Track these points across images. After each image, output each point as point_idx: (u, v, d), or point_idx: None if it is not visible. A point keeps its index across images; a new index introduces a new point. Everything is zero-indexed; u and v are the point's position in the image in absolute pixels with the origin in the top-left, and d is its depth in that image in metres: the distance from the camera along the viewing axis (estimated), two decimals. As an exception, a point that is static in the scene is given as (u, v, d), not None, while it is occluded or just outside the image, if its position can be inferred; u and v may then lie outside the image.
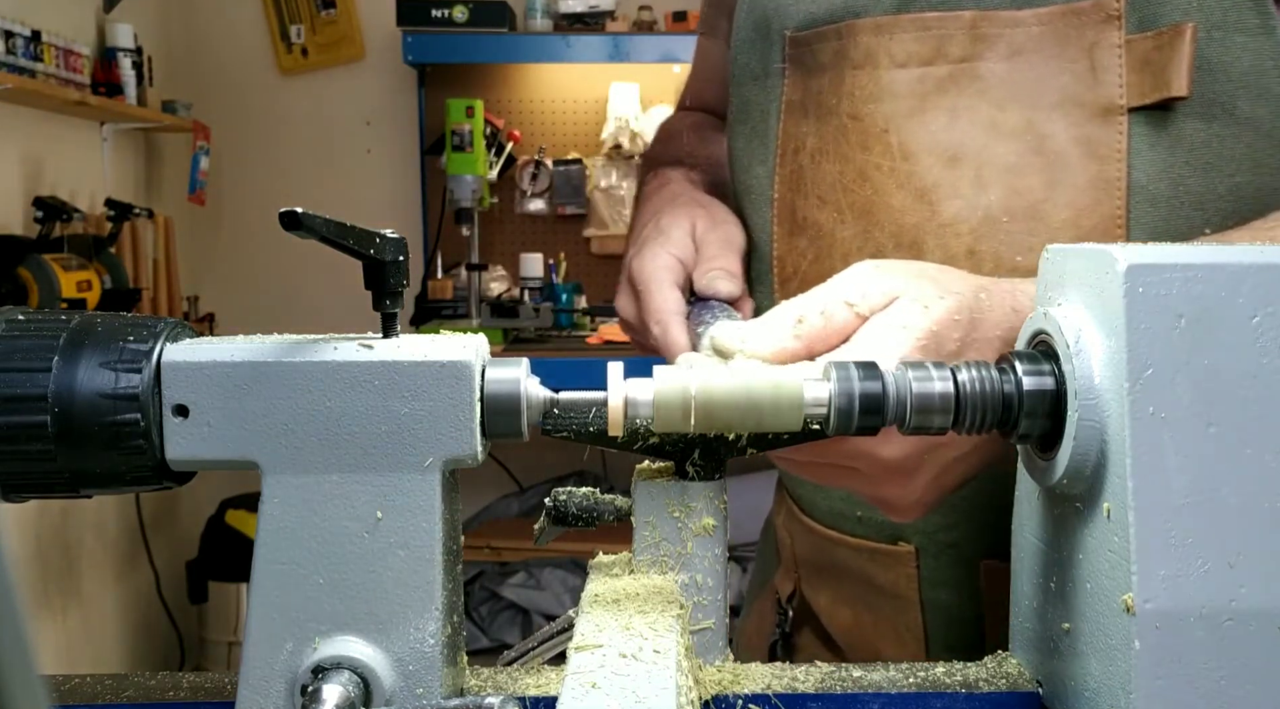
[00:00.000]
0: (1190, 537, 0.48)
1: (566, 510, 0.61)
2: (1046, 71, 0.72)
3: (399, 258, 0.51)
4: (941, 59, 0.75)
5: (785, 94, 0.84)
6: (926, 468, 0.63)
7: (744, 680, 0.58)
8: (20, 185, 2.68)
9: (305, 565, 0.51)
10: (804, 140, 0.83)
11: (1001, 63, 0.73)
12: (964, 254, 0.74)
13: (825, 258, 0.80)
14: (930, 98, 0.76)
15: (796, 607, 0.96)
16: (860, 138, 0.78)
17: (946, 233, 0.75)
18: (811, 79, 0.82)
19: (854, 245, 0.79)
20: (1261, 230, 0.68)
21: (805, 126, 0.83)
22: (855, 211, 0.79)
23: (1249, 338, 0.48)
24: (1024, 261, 0.73)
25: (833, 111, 0.80)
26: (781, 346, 0.59)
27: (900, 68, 0.76)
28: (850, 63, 0.79)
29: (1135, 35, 0.70)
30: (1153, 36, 0.70)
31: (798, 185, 0.83)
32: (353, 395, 0.50)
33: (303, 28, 3.65)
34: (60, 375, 0.50)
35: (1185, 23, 0.68)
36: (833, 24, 0.80)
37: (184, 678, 0.62)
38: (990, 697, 0.58)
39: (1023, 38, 0.73)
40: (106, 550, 3.07)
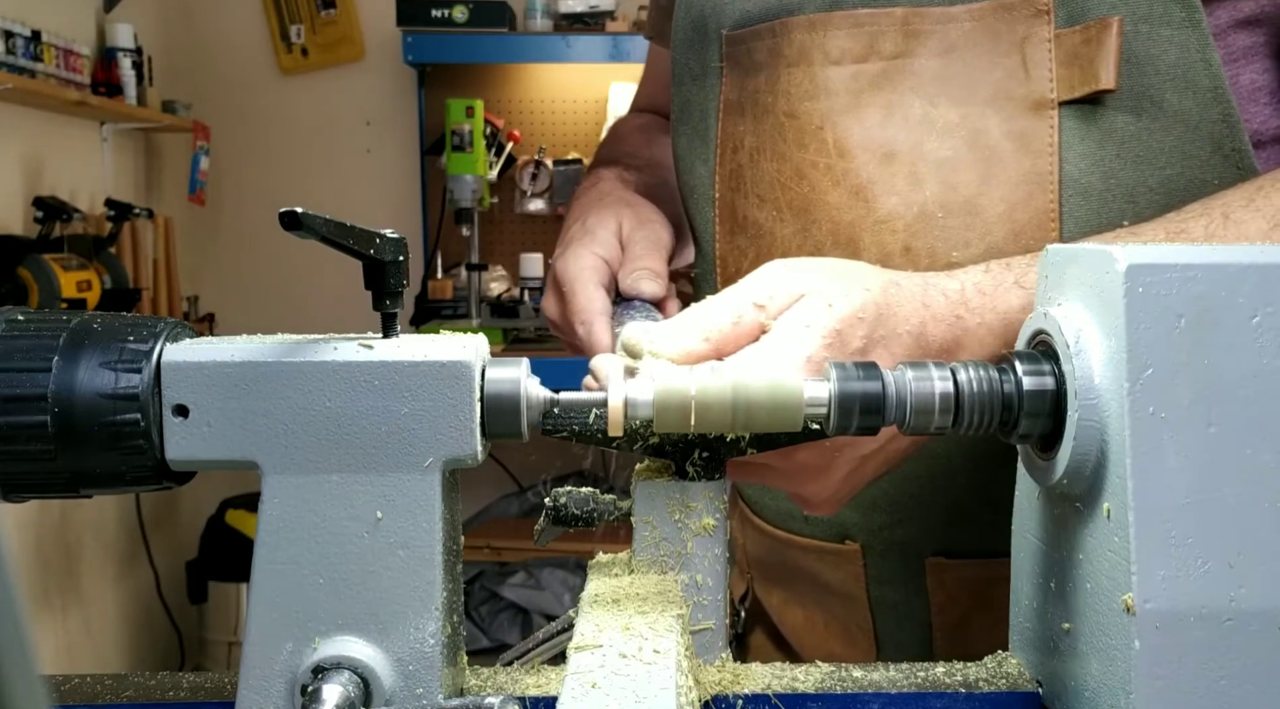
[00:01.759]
0: (1190, 537, 0.48)
1: (566, 510, 0.61)
2: (979, 66, 0.72)
3: (399, 258, 0.51)
4: (875, 56, 0.75)
5: (723, 93, 0.84)
6: (839, 465, 0.64)
7: (744, 680, 0.58)
8: (20, 185, 2.68)
9: (305, 565, 0.51)
10: (742, 139, 0.83)
11: (934, 59, 0.74)
12: (900, 250, 0.74)
13: (765, 256, 0.79)
14: (864, 94, 0.76)
15: (749, 607, 0.97)
16: (796, 135, 0.78)
17: (883, 229, 0.75)
18: (748, 78, 0.82)
19: (793, 243, 0.79)
20: (1174, 221, 0.67)
21: (743, 125, 0.83)
22: (793, 209, 0.79)
23: (1249, 338, 0.48)
24: (960, 256, 0.73)
25: (769, 110, 0.80)
26: (688, 349, 0.59)
27: (834, 65, 0.76)
28: (785, 60, 0.79)
29: (1064, 29, 0.70)
30: (1080, 30, 0.70)
31: (737, 184, 0.83)
32: (353, 395, 0.50)
33: (303, 28, 3.64)
34: (60, 375, 0.50)
35: (1112, 16, 0.69)
36: (767, 22, 0.80)
37: (184, 678, 0.62)
38: (990, 697, 0.58)
39: (955, 33, 0.73)
40: (106, 550, 3.07)
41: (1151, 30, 0.69)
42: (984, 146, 0.73)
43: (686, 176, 0.90)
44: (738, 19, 0.83)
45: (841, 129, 0.76)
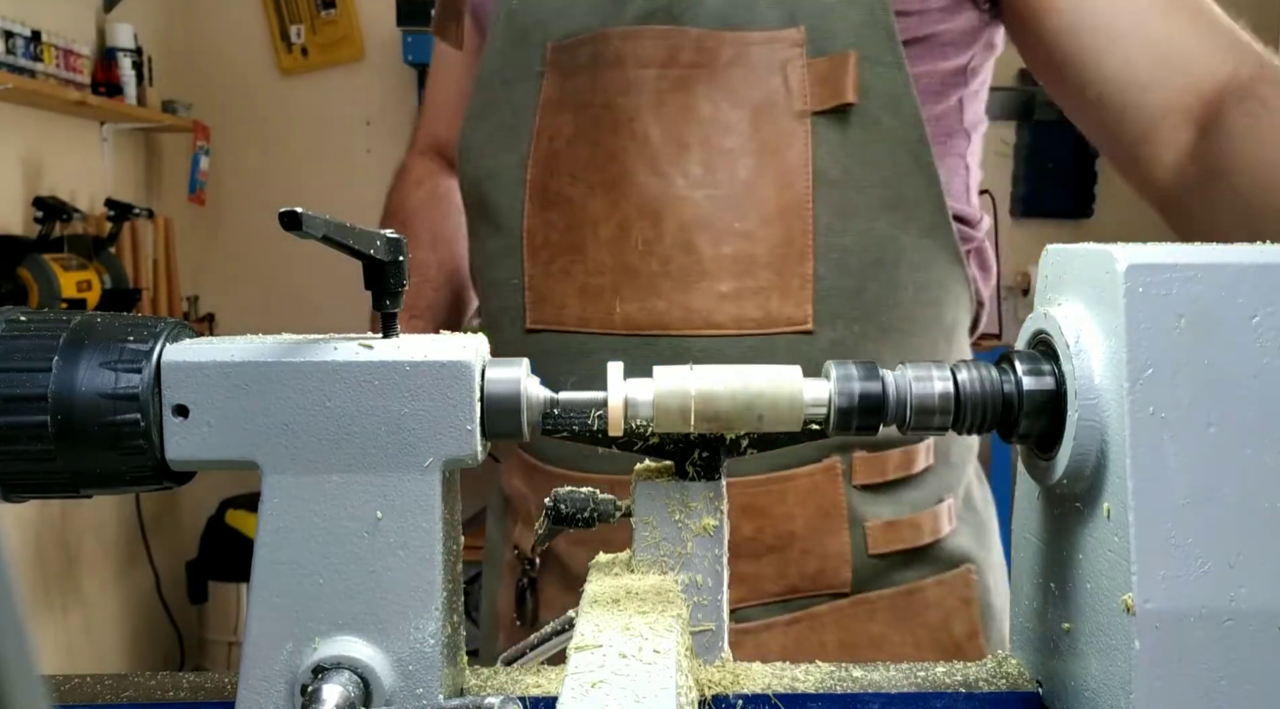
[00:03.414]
0: (1190, 537, 0.48)
1: (566, 510, 0.61)
2: (754, 80, 0.90)
3: (399, 258, 0.51)
4: (676, 64, 0.91)
5: (544, 93, 0.97)
6: None
7: (744, 680, 0.58)
8: (20, 185, 2.68)
9: (305, 565, 0.51)
10: (560, 129, 0.96)
11: (721, 71, 0.91)
12: (695, 219, 0.90)
13: (576, 227, 0.94)
14: (667, 94, 0.92)
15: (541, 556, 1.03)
16: (611, 125, 0.93)
17: (682, 203, 0.91)
18: (570, 79, 0.96)
19: (603, 214, 0.93)
20: None
21: (561, 118, 0.96)
22: (605, 186, 0.93)
23: (1249, 338, 0.48)
24: (740, 226, 0.90)
25: (588, 104, 0.94)
26: None
27: (643, 68, 0.92)
28: (604, 63, 0.93)
29: (815, 58, 0.90)
30: (827, 59, 0.90)
31: (551, 167, 0.96)
32: (353, 395, 0.50)
33: (303, 28, 3.65)
34: (60, 375, 0.50)
35: (848, 51, 0.89)
36: (588, 34, 0.95)
37: (184, 678, 0.62)
38: (990, 697, 0.58)
39: (736, 53, 0.90)
40: (106, 550, 3.07)
41: (872, 67, 0.90)
42: (757, 142, 0.90)
43: (487, 162, 1.01)
44: (563, 33, 0.97)
45: (648, 120, 0.92)
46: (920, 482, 0.98)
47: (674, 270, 0.91)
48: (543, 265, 0.95)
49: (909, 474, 0.97)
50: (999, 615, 1.02)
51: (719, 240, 0.90)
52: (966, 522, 1.02)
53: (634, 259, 0.91)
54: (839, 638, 0.94)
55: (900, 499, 0.97)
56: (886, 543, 0.95)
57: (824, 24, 0.90)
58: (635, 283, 0.92)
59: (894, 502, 0.96)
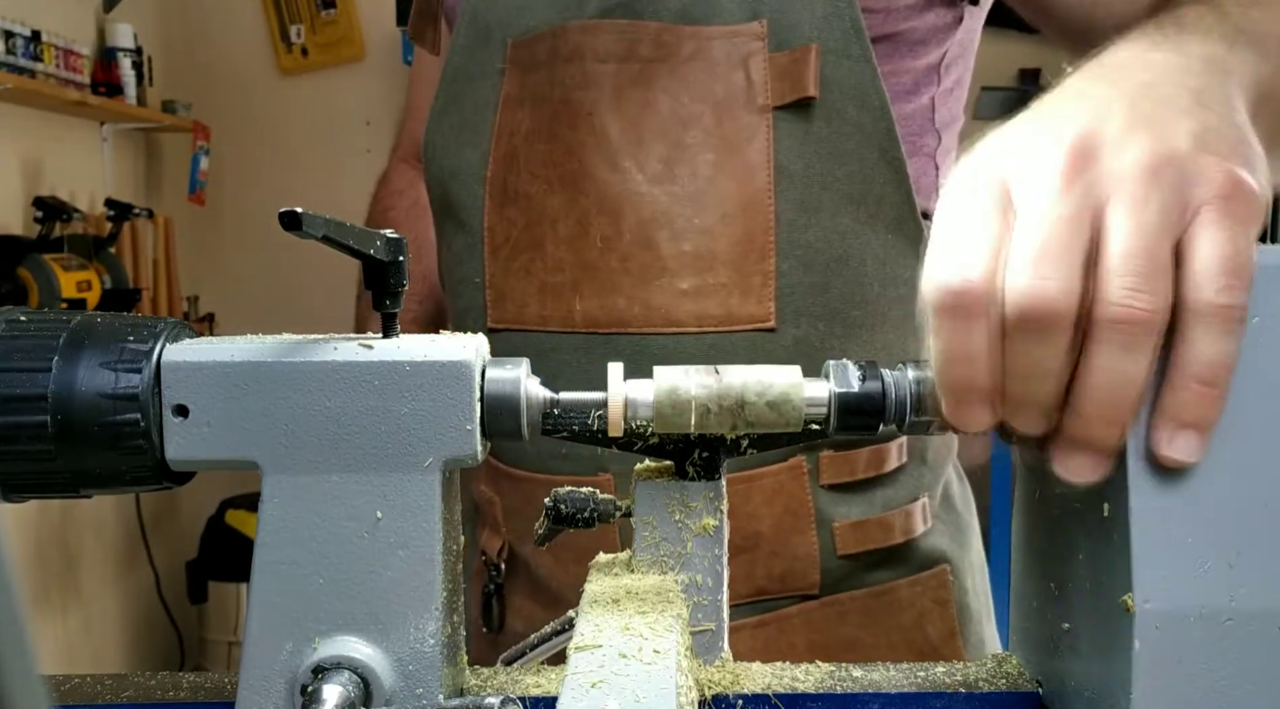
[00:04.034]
0: (1190, 537, 0.48)
1: (566, 510, 0.61)
2: (715, 74, 0.88)
3: (399, 258, 0.51)
4: (635, 58, 0.90)
5: (505, 89, 0.96)
6: None
7: (744, 680, 0.58)
8: (20, 185, 2.68)
9: (305, 565, 0.51)
10: (519, 125, 0.94)
11: (681, 65, 0.89)
12: (655, 215, 0.89)
13: (535, 224, 0.92)
14: (626, 89, 0.90)
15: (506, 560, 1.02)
16: (570, 119, 0.91)
17: (640, 199, 0.89)
18: (529, 75, 0.94)
19: (562, 211, 0.91)
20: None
21: (521, 114, 0.94)
22: (563, 182, 0.91)
23: (1249, 338, 0.48)
24: (700, 222, 0.89)
25: (546, 98, 0.93)
26: None
27: (602, 62, 0.90)
28: (562, 57, 0.92)
29: (776, 53, 0.88)
30: (789, 53, 0.87)
31: (511, 164, 0.94)
32: (353, 395, 0.50)
33: (303, 28, 3.65)
34: (60, 375, 0.50)
35: (810, 44, 0.87)
36: (546, 29, 0.93)
37: (184, 678, 0.62)
38: (990, 697, 0.58)
39: (696, 48, 0.88)
40: (106, 550, 3.07)
41: (838, 60, 0.88)
42: (718, 137, 0.88)
43: (450, 159, 0.99)
44: (522, 31, 0.95)
45: (607, 115, 0.90)
46: (893, 480, 0.96)
47: (633, 267, 0.90)
48: (503, 263, 0.94)
49: (880, 473, 0.95)
50: (976, 617, 1.00)
51: (679, 237, 0.89)
52: (944, 521, 1.00)
53: (593, 256, 0.90)
54: (809, 639, 0.92)
55: (871, 499, 0.95)
56: (856, 543, 0.93)
57: (786, 17, 0.88)
58: (595, 280, 0.90)
59: (864, 501, 0.94)
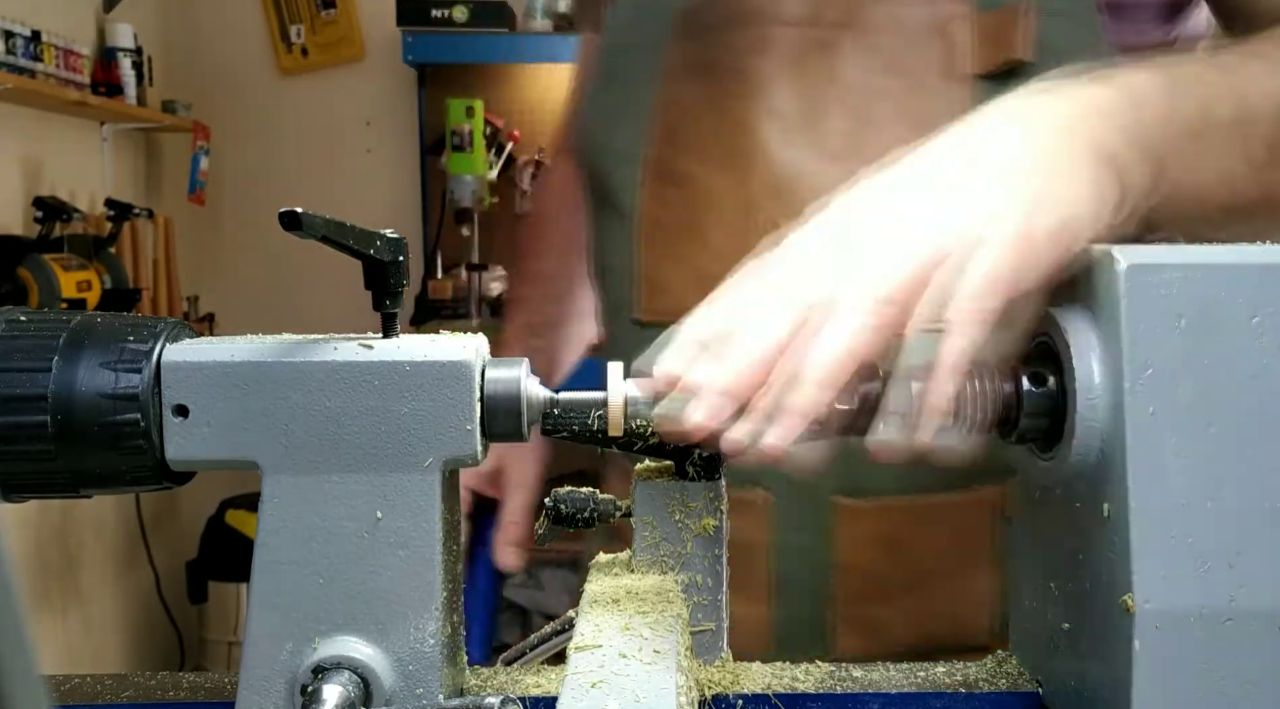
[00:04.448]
0: (1190, 537, 0.48)
1: (567, 510, 0.61)
2: (910, 40, 0.80)
3: (399, 258, 0.51)
4: (820, 22, 0.81)
5: (669, 61, 0.88)
6: None
7: (744, 680, 0.58)
8: (20, 185, 2.68)
9: (305, 565, 0.51)
10: (683, 97, 0.86)
11: (872, 31, 0.81)
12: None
13: (696, 207, 0.84)
14: (810, 56, 0.81)
15: None
16: (741, 90, 0.83)
17: (817, 180, 0.79)
18: (696, 41, 0.86)
19: (726, 192, 0.83)
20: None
21: (686, 86, 0.86)
22: (730, 160, 0.83)
23: (1249, 338, 0.48)
24: None
25: (716, 67, 0.84)
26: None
27: (783, 26, 0.82)
28: (737, 20, 0.83)
29: (982, 13, 0.78)
30: (996, 13, 0.78)
31: (673, 140, 0.86)
32: (353, 395, 0.50)
33: (303, 28, 3.64)
34: (60, 375, 0.50)
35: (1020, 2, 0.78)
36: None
37: (184, 678, 0.62)
38: (990, 697, 0.58)
39: (890, 10, 0.80)
40: (106, 550, 3.07)
41: (1055, 19, 0.78)
42: (910, 111, 0.80)
43: (605, 136, 0.92)
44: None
45: (784, 86, 0.82)
46: None
47: None
48: (657, 250, 0.87)
49: None
50: None
51: None
52: None
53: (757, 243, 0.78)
54: None
55: None
56: None
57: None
58: None
59: None
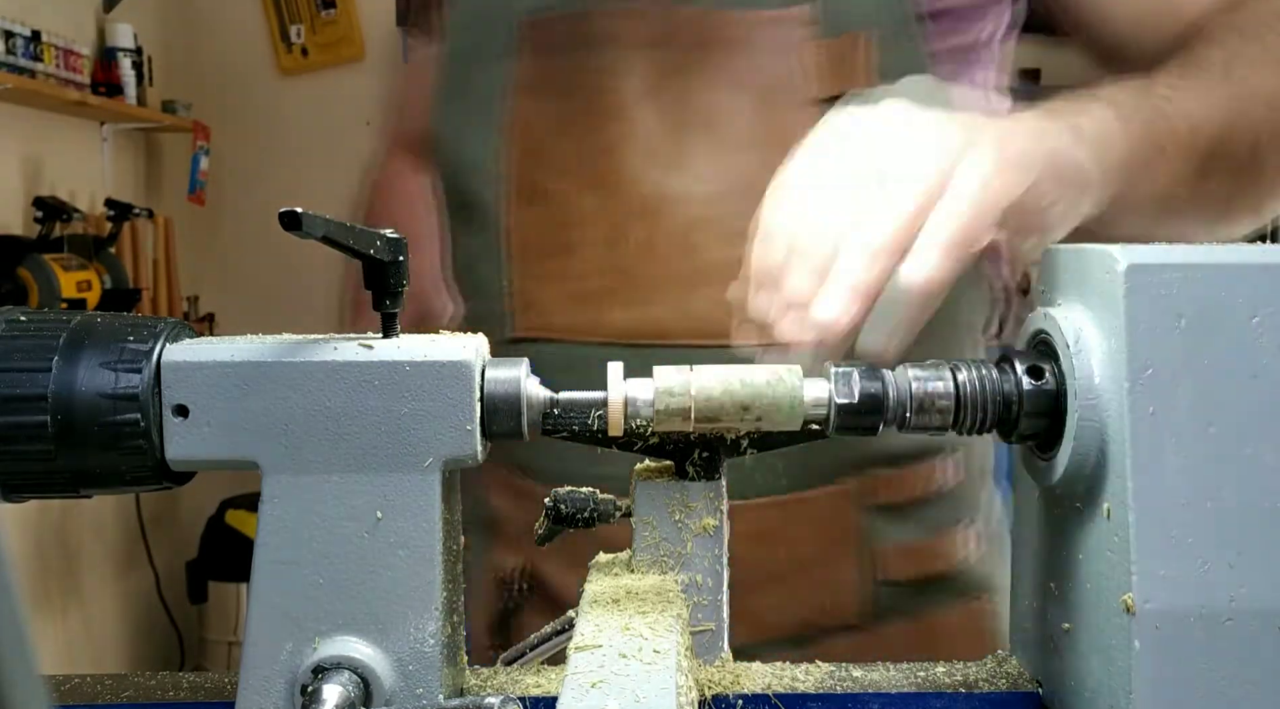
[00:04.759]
0: (1190, 537, 0.48)
1: (567, 510, 0.61)
2: (760, 64, 0.82)
3: (399, 258, 0.51)
4: (674, 44, 0.83)
5: (518, 74, 0.88)
6: None
7: (744, 680, 0.58)
8: (20, 185, 2.68)
9: (305, 565, 0.51)
10: (541, 117, 0.87)
11: (725, 54, 0.82)
12: (694, 221, 0.83)
13: (565, 226, 0.86)
14: (665, 79, 0.83)
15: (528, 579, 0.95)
16: (601, 113, 0.84)
17: (679, 201, 0.83)
18: (548, 59, 0.87)
19: (593, 214, 0.85)
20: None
21: (541, 105, 0.87)
22: (596, 182, 0.85)
23: (1249, 338, 0.48)
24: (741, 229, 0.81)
25: (572, 89, 0.86)
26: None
27: (638, 49, 0.84)
28: (590, 42, 0.85)
29: (826, 39, 0.82)
30: (838, 40, 0.82)
31: (535, 159, 0.87)
32: (353, 395, 0.50)
33: (303, 28, 3.64)
34: (60, 375, 0.50)
35: (861, 30, 0.81)
36: (567, 9, 0.85)
37: (184, 678, 0.62)
38: (990, 697, 0.58)
39: (740, 34, 0.82)
40: (106, 550, 3.07)
41: (890, 45, 0.82)
42: (764, 133, 0.82)
43: (464, 151, 0.92)
44: (534, 7, 0.87)
45: (643, 109, 0.83)
46: (945, 500, 0.90)
47: (674, 274, 0.83)
48: (528, 268, 0.88)
49: (930, 493, 0.89)
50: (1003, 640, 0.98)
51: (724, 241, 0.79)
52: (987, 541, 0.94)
53: (630, 262, 0.84)
54: None
55: (920, 520, 0.89)
56: (901, 570, 0.87)
57: (835, 2, 0.82)
58: (632, 288, 0.84)
59: (913, 524, 0.88)
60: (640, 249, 0.85)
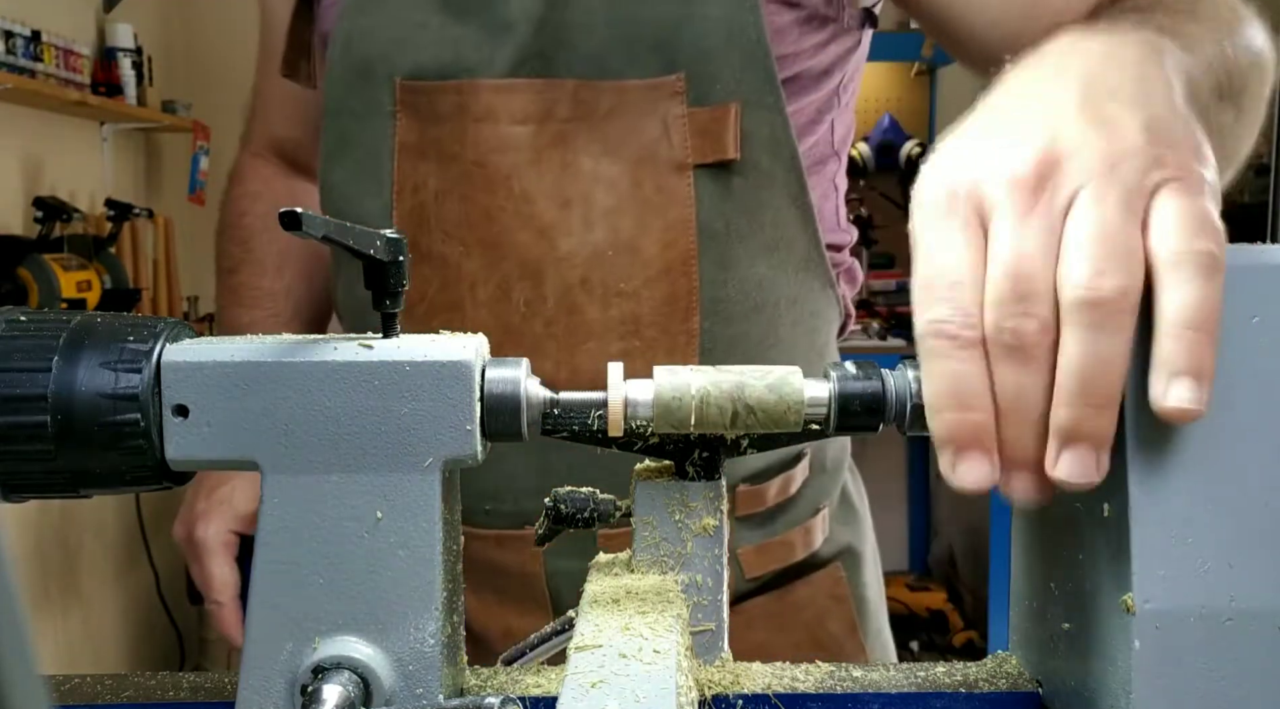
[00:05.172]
0: (1190, 537, 0.48)
1: (567, 510, 0.61)
2: (634, 132, 0.86)
3: (399, 258, 0.51)
4: (552, 118, 0.87)
5: (399, 136, 0.91)
6: None
7: (744, 680, 0.58)
8: (20, 185, 2.68)
9: (305, 565, 0.51)
10: (425, 180, 0.90)
11: (599, 123, 0.87)
12: (578, 282, 0.88)
13: (452, 285, 0.90)
14: (545, 150, 0.87)
15: None
16: (485, 183, 0.88)
17: (563, 265, 0.87)
18: (431, 126, 0.90)
19: (481, 274, 0.89)
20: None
21: (425, 168, 0.90)
22: (481, 246, 0.89)
23: (1249, 338, 0.48)
24: (626, 287, 0.87)
25: (456, 158, 0.89)
26: None
27: (519, 124, 0.88)
28: (472, 116, 0.88)
29: (695, 108, 0.86)
30: (708, 110, 0.86)
31: (421, 221, 0.90)
32: (353, 395, 0.50)
33: (303, 28, 3.64)
34: (60, 375, 0.50)
35: (730, 102, 0.85)
36: (446, 79, 0.89)
37: (184, 678, 0.62)
38: (990, 697, 0.58)
39: (613, 104, 0.86)
40: (106, 550, 3.07)
41: (754, 112, 0.86)
42: (640, 198, 0.87)
43: (351, 209, 0.94)
44: (411, 70, 0.90)
45: (526, 179, 0.87)
46: (795, 500, 0.98)
47: (559, 332, 0.88)
48: (417, 324, 0.90)
49: (784, 498, 0.96)
50: (874, 608, 1.03)
51: (604, 301, 0.87)
52: (841, 521, 1.03)
53: (516, 320, 0.89)
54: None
55: (774, 521, 0.96)
56: (760, 566, 0.95)
57: (704, 70, 0.85)
58: (519, 345, 0.89)
59: (768, 525, 0.96)
60: (525, 308, 0.89)
